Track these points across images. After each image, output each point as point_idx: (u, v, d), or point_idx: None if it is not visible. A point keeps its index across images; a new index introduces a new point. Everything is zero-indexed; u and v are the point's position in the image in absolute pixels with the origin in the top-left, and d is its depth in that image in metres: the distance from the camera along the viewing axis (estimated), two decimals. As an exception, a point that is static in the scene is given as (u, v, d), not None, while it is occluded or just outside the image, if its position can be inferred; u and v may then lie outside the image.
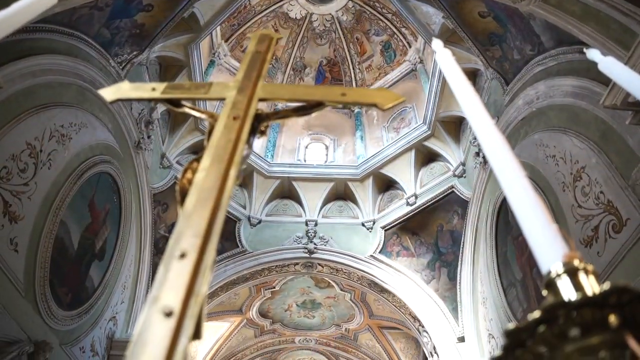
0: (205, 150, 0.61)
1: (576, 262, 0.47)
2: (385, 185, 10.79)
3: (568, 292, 0.46)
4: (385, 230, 10.20)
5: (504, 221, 7.59)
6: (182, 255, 0.47)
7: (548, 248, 0.49)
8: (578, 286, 0.46)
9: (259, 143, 11.66)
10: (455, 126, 9.82)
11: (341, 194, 11.02)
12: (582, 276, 0.45)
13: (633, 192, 4.64)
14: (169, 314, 0.43)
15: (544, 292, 0.49)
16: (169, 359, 0.39)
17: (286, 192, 11.06)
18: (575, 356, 0.42)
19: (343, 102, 0.76)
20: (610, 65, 1.35)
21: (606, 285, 0.42)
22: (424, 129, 10.16)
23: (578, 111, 5.51)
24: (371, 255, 10.07)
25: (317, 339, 13.24)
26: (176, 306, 0.43)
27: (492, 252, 7.94)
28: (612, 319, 0.41)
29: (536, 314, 0.44)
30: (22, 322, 5.81)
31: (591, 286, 0.46)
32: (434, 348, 9.01)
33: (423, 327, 9.31)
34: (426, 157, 10.31)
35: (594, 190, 5.22)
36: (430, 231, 9.83)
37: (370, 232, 10.36)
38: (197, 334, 0.45)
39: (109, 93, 0.77)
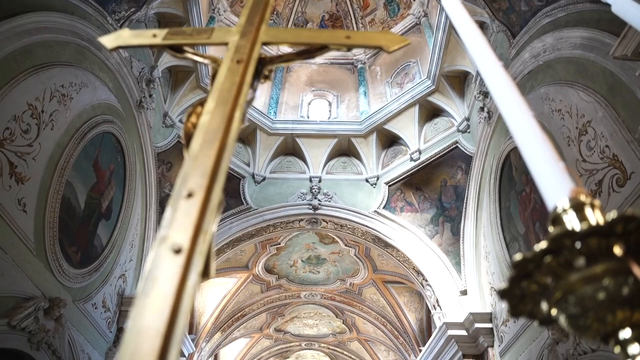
0: (209, 94, 0.60)
1: (582, 197, 0.47)
2: (389, 141, 10.75)
3: (574, 225, 0.46)
4: (389, 186, 10.24)
5: (508, 176, 7.59)
6: (190, 195, 0.47)
7: (555, 185, 0.49)
8: (584, 220, 0.46)
9: (261, 100, 11.57)
10: (460, 81, 9.67)
11: (345, 150, 11.00)
12: (588, 211, 0.45)
13: (639, 145, 4.61)
14: (178, 251, 0.43)
15: (551, 229, 0.49)
16: (179, 294, 0.40)
17: (290, 149, 11.06)
18: (580, 285, 0.42)
19: (347, 44, 0.74)
20: (624, 7, 1.27)
21: (613, 214, 0.43)
22: (427, 84, 10.02)
23: (586, 64, 5.40)
24: (375, 211, 10.15)
25: (322, 294, 13.54)
26: (185, 243, 0.44)
27: (495, 207, 7.99)
28: (618, 247, 0.41)
29: (542, 244, 0.44)
30: (35, 280, 5.96)
31: (597, 219, 0.46)
32: (437, 301, 9.20)
33: (426, 281, 9.48)
34: (430, 112, 10.22)
35: (599, 145, 5.19)
36: (433, 186, 9.86)
37: (374, 188, 10.40)
38: (206, 272, 0.46)
39: (109, 40, 0.76)
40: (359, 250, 11.60)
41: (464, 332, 8.27)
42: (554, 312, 0.45)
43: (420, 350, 10.23)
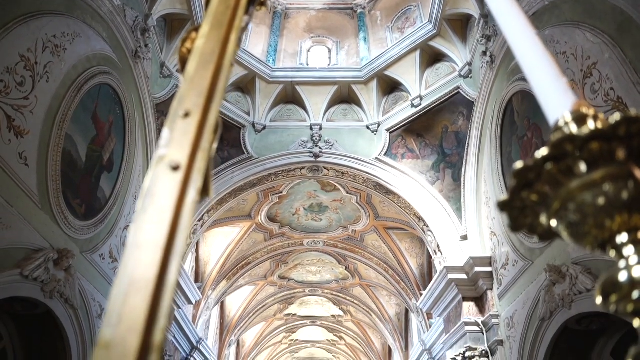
0: (203, 19, 0.58)
1: (585, 110, 0.46)
2: (390, 88, 10.61)
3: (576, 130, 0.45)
4: (390, 133, 10.20)
5: (510, 121, 7.53)
6: (186, 115, 0.47)
7: (557, 99, 0.49)
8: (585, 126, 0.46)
9: (259, 48, 11.33)
10: (462, 25, 9.42)
11: (345, 97, 10.87)
12: (590, 122, 0.45)
13: (645, 87, 4.55)
14: (176, 168, 0.43)
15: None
16: (178, 209, 0.40)
17: (290, 97, 10.93)
18: (580, 191, 0.43)
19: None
20: None
21: (616, 116, 0.42)
22: (429, 28, 9.77)
23: (595, 2, 5.23)
24: (376, 158, 10.16)
25: (325, 241, 13.76)
26: (183, 160, 0.44)
27: (496, 153, 7.98)
28: (620, 151, 0.41)
29: (543, 150, 0.44)
30: (43, 232, 6.06)
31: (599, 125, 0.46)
32: (438, 246, 9.37)
33: (427, 226, 9.61)
34: (432, 57, 10.02)
35: (604, 87, 5.11)
36: (435, 133, 9.82)
37: (375, 134, 10.36)
38: (205, 190, 0.46)
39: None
40: (361, 198, 11.70)
41: (464, 276, 8.47)
42: (553, 223, 0.45)
43: (421, 294, 10.50)
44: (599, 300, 0.44)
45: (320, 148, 10.26)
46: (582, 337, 6.00)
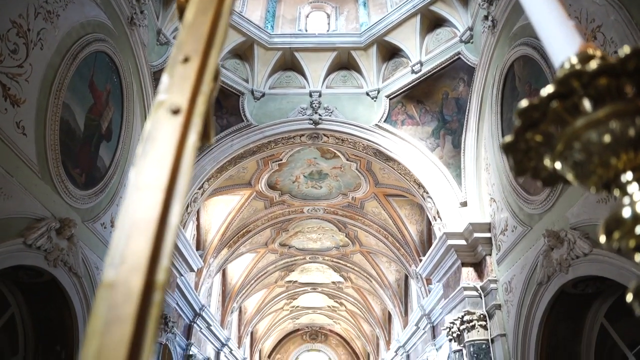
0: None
1: (591, 51, 0.45)
2: (390, 53, 10.45)
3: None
4: (390, 99, 10.11)
5: (511, 87, 7.46)
6: (186, 60, 0.46)
7: (563, 42, 0.47)
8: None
9: (257, 14, 11.12)
10: (464, -13, 9.21)
11: (345, 63, 10.73)
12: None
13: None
14: (176, 112, 0.43)
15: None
16: (179, 152, 0.40)
17: (288, 63, 10.78)
18: (586, 129, 0.42)
19: None
20: None
21: (625, 49, 0.41)
22: (430, -9, 9.56)
23: (600, -38, 5.11)
24: (376, 125, 10.11)
25: (325, 208, 13.84)
26: (183, 104, 0.43)
27: (497, 119, 7.94)
28: (628, 86, 0.40)
29: (549, 88, 0.44)
30: (44, 202, 6.09)
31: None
32: (438, 213, 9.42)
33: (427, 193, 9.65)
34: (432, 22, 9.84)
35: (608, 51, 5.03)
36: (435, 99, 9.74)
37: (374, 101, 10.28)
38: (206, 135, 0.46)
39: None
40: (361, 165, 11.70)
41: (463, 242, 8.55)
42: (558, 165, 0.45)
43: (420, 261, 10.63)
44: (602, 238, 0.44)
45: (319, 115, 10.19)
46: (577, 301, 6.10)
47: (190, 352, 12.24)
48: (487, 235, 8.27)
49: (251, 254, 15.97)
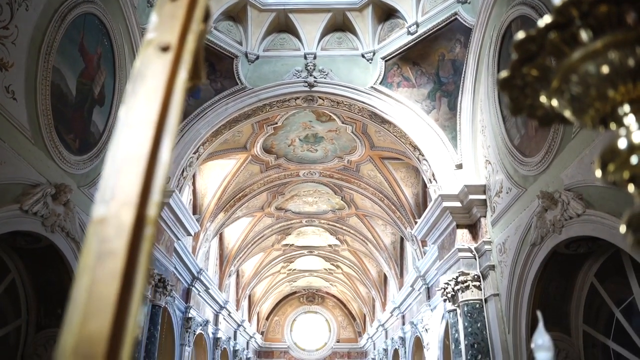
0: None
1: None
2: (386, 14, 10.24)
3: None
4: (386, 61, 9.98)
5: (508, 48, 7.36)
6: None
7: None
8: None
9: (249, -26, 10.81)
10: (462, -56, 8.95)
11: (340, 25, 10.52)
12: None
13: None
14: (165, 49, 0.42)
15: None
16: (169, 90, 0.39)
17: (282, 25, 10.56)
18: (584, 61, 0.41)
19: None
20: None
21: None
22: (427, -52, 9.29)
23: None
24: (372, 87, 10.01)
25: (321, 172, 13.85)
26: (173, 40, 0.42)
27: (493, 80, 7.87)
28: (630, 15, 0.39)
29: (547, 18, 0.43)
30: (38, 167, 6.06)
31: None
32: (433, 175, 9.45)
33: (423, 155, 9.65)
34: (429, -19, 9.60)
35: None
36: (431, 61, 9.62)
37: (370, 63, 10.14)
38: (197, 74, 0.45)
39: None
40: (356, 128, 11.65)
41: (458, 204, 8.61)
42: (554, 103, 0.44)
43: (416, 223, 10.73)
44: (598, 173, 0.44)
45: (314, 77, 10.06)
46: (569, 261, 6.21)
47: (190, 315, 12.47)
48: (482, 197, 8.33)
49: (247, 217, 16.07)
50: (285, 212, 16.57)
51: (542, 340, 0.77)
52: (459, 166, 9.11)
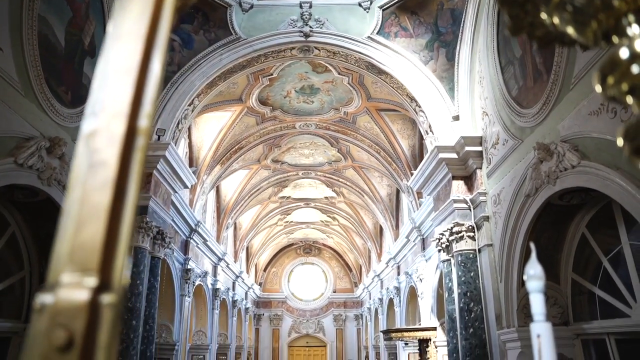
0: None
1: None
2: (383, -40, 9.89)
3: None
4: (383, 10, 9.71)
5: (509, -6, 7.16)
6: None
7: None
8: None
9: None
10: None
11: (336, -29, 10.17)
12: None
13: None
14: None
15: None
16: (158, 5, 0.37)
17: (277, -28, 10.21)
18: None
19: None
20: None
21: None
22: None
23: None
24: (368, 37, 9.79)
25: (317, 124, 13.76)
26: None
27: (492, 30, 7.71)
28: None
29: None
30: (31, 121, 5.99)
31: None
32: (430, 127, 9.41)
33: (420, 107, 9.57)
34: None
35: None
36: (429, 10, 9.37)
37: (367, 12, 9.87)
38: None
39: None
40: (353, 79, 11.49)
41: (454, 155, 8.62)
42: (555, 20, 0.43)
43: (412, 175, 10.77)
44: (597, 88, 0.44)
45: (310, 27, 9.81)
46: (562, 212, 6.29)
47: (189, 267, 12.70)
48: (479, 148, 8.33)
49: (244, 170, 16.08)
50: (281, 165, 16.58)
51: (534, 270, 0.79)
52: (456, 118, 9.06)
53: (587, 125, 5.14)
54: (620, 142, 0.41)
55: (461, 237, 8.23)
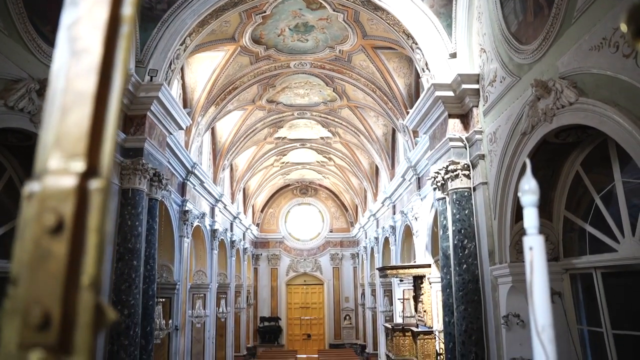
0: None
1: None
2: None
3: None
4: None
5: None
6: None
7: None
8: None
9: None
10: None
11: None
12: None
13: None
14: None
15: None
16: None
17: None
18: None
19: None
20: None
21: None
22: None
23: None
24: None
25: (312, 63, 13.48)
26: None
27: (494, -40, 7.40)
28: None
29: None
30: (17, 62, 5.85)
31: None
32: (426, 64, 9.24)
33: (416, 44, 9.35)
34: None
35: None
36: (429, -61, 8.95)
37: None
38: None
39: None
40: (348, 15, 11.14)
41: (450, 93, 8.52)
42: None
43: (408, 114, 10.68)
44: (623, 27, 0.42)
45: (303, -41, 9.39)
46: (557, 150, 6.30)
47: (186, 208, 12.83)
48: (475, 86, 8.23)
49: (239, 111, 15.91)
50: (276, 105, 16.39)
51: (528, 185, 0.80)
52: (453, 55, 8.88)
53: (587, 61, 5.05)
54: (623, 27, 0.39)
55: (456, 176, 8.29)
